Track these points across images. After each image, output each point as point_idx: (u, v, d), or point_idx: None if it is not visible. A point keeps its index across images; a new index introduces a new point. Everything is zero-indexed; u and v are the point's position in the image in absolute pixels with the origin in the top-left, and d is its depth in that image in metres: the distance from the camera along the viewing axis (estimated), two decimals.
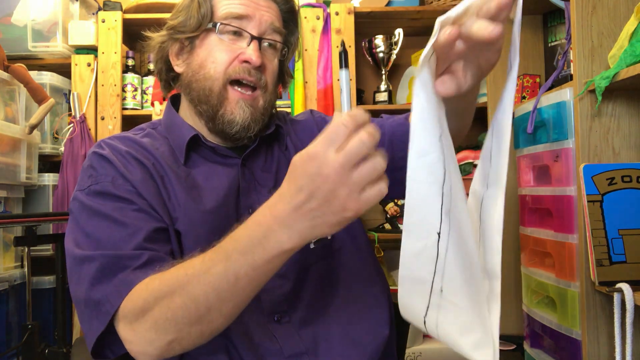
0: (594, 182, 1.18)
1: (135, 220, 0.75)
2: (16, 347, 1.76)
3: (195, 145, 0.88)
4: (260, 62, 0.85)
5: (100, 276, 0.70)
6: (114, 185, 0.78)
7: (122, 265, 0.70)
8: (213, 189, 0.85)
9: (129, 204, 0.77)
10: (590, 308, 1.21)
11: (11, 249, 1.95)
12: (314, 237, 0.56)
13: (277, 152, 0.94)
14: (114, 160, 0.81)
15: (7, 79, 1.84)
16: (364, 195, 0.54)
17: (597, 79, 1.16)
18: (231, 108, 0.85)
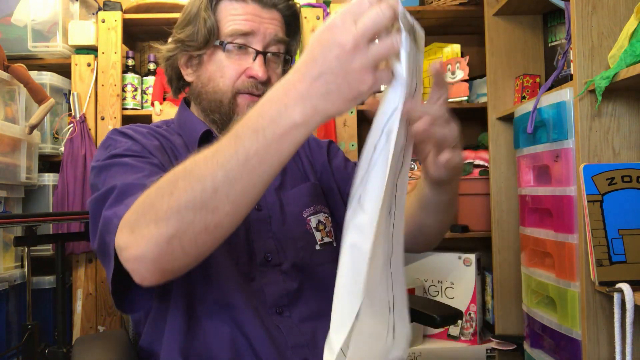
0: (594, 182, 1.18)
1: (151, 168, 0.77)
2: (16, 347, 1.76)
3: (207, 141, 0.92)
4: (266, 76, 0.90)
5: (115, 200, 0.71)
6: (132, 150, 0.82)
7: (135, 190, 0.69)
8: None
9: (143, 158, 0.80)
10: (590, 308, 1.21)
11: (11, 249, 1.95)
12: (328, 113, 0.54)
13: None
14: (132, 134, 0.86)
15: (7, 79, 1.84)
16: (378, 74, 0.53)
17: (597, 79, 1.16)
18: (242, 112, 0.90)
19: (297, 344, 0.84)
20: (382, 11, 0.52)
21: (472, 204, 2.04)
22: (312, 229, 0.94)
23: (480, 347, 1.96)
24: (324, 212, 0.97)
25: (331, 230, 0.96)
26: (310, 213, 0.95)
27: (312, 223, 0.94)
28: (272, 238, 0.90)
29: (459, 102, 2.12)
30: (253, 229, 0.90)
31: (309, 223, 0.94)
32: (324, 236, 0.95)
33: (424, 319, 1.13)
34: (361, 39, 0.51)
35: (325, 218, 0.96)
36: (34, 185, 2.01)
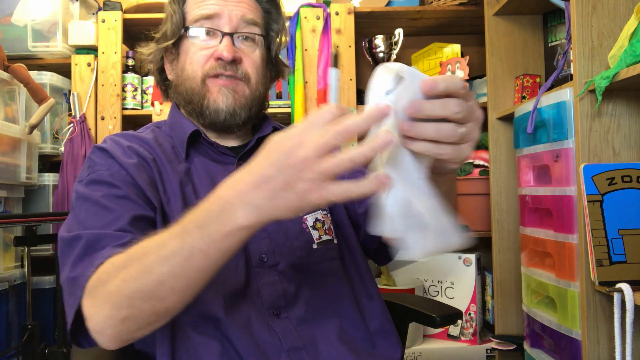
0: (594, 182, 1.18)
1: (121, 207, 0.77)
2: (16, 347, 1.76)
3: (196, 142, 0.92)
4: (232, 56, 0.88)
5: (82, 254, 0.71)
6: (109, 172, 0.81)
7: (103, 244, 0.71)
8: (208, 187, 0.85)
9: (118, 189, 0.79)
10: (590, 308, 1.21)
11: (11, 249, 1.95)
12: (272, 218, 0.54)
13: None
14: (113, 151, 0.85)
15: (7, 79, 1.84)
16: (331, 188, 0.51)
17: (597, 79, 1.16)
18: (214, 97, 0.89)
19: (293, 347, 0.81)
20: (344, 130, 0.51)
21: (472, 204, 2.04)
22: (308, 228, 0.91)
23: (480, 347, 1.96)
24: (322, 210, 0.94)
25: (331, 228, 0.94)
26: (306, 212, 0.92)
27: (309, 222, 0.92)
28: (267, 238, 0.88)
29: None
30: None
31: (305, 222, 0.92)
32: (322, 234, 0.92)
33: (424, 319, 1.12)
34: (317, 153, 0.51)
35: (323, 216, 0.94)
36: (34, 185, 2.01)
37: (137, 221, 0.76)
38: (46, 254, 2.00)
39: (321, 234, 0.92)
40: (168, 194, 0.84)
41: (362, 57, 2.28)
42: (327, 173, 0.51)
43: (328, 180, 0.51)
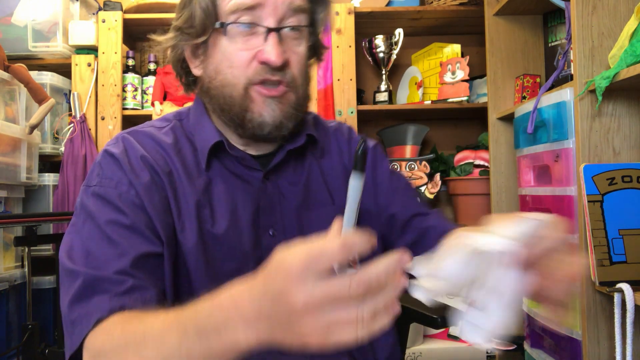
0: (594, 182, 1.18)
1: (126, 240, 0.69)
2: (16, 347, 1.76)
3: (219, 152, 0.80)
4: (282, 59, 0.74)
5: (80, 294, 0.66)
6: (116, 191, 0.73)
7: (102, 288, 0.66)
8: (229, 208, 0.77)
9: (124, 217, 0.71)
10: (591, 308, 1.21)
11: (11, 249, 1.95)
12: (273, 344, 0.48)
13: (309, 160, 0.86)
14: (124, 163, 0.75)
15: (7, 79, 1.84)
16: (333, 336, 0.44)
17: (598, 79, 1.16)
18: (259, 109, 0.76)
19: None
20: (349, 287, 0.44)
21: (472, 204, 2.04)
22: None
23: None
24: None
25: (355, 258, 0.82)
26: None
27: None
28: None
29: (459, 102, 2.12)
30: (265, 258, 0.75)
31: None
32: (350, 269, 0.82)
33: (425, 320, 1.11)
34: (314, 306, 0.44)
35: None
36: (34, 185, 2.01)
37: (142, 260, 0.69)
38: (46, 254, 2.00)
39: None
40: (183, 219, 0.75)
41: (362, 57, 2.28)
42: (327, 326, 0.44)
43: (330, 330, 0.44)
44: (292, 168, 0.83)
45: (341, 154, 0.88)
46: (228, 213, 0.77)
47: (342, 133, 0.92)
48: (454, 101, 2.12)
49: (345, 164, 0.87)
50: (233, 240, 0.76)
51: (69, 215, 1.72)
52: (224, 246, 0.75)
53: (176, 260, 0.74)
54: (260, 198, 0.79)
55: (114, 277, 0.66)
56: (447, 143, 2.37)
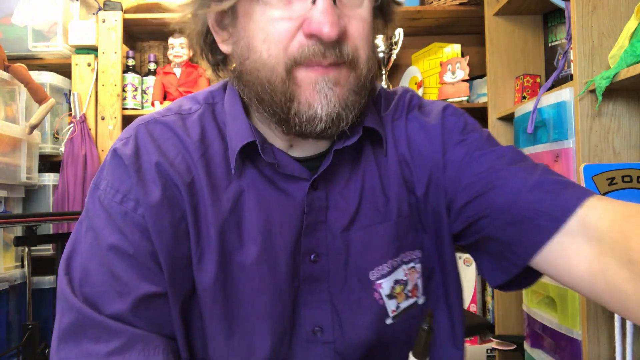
0: (595, 182, 1.18)
1: (127, 274, 0.58)
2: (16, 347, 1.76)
3: (255, 154, 0.61)
4: (338, 30, 0.53)
5: (70, 332, 0.57)
6: (121, 208, 0.59)
7: (94, 335, 0.56)
8: (263, 228, 0.61)
9: (128, 244, 0.58)
10: (591, 308, 1.21)
11: (11, 249, 1.95)
12: None
13: (367, 158, 0.65)
14: (132, 171, 0.60)
15: (7, 79, 1.84)
16: None
17: (598, 79, 1.16)
18: (307, 97, 0.56)
19: None
20: None
21: None
22: (382, 299, 0.63)
23: (480, 347, 1.96)
24: (408, 262, 0.65)
25: (417, 285, 0.65)
26: (381, 274, 0.63)
27: (384, 289, 0.63)
28: (327, 302, 0.62)
29: (459, 102, 2.12)
30: (303, 290, 0.62)
31: (379, 290, 0.63)
32: (401, 301, 0.64)
33: None
34: None
35: (408, 271, 0.64)
36: (34, 185, 2.01)
37: (144, 302, 0.58)
38: (46, 254, 2.00)
39: (400, 302, 0.64)
40: (202, 245, 0.60)
41: None
42: None
43: None
44: (346, 173, 0.64)
45: (399, 141, 0.66)
46: (261, 235, 0.61)
47: (403, 104, 0.68)
48: (454, 101, 2.12)
49: (403, 156, 0.65)
50: (265, 271, 0.60)
51: (69, 215, 1.73)
52: (252, 279, 0.60)
53: (188, 300, 0.60)
54: (305, 216, 0.61)
55: (112, 325, 0.56)
56: None
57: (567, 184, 0.58)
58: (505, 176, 0.60)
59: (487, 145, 0.64)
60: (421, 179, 0.65)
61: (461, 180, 0.62)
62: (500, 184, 0.60)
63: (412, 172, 0.65)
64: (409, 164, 0.65)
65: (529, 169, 0.61)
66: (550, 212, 0.56)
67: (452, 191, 0.63)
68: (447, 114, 0.67)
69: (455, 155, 0.64)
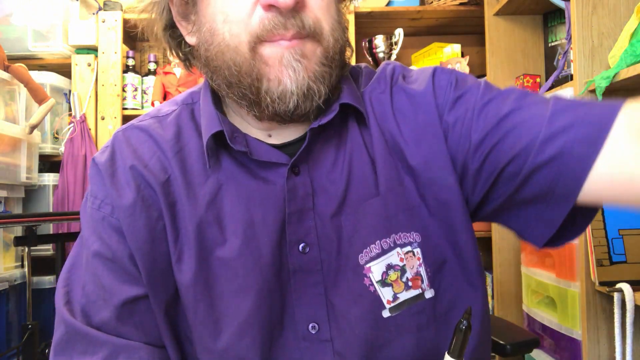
0: None
1: (109, 280, 0.58)
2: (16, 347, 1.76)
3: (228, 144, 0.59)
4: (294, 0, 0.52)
5: (62, 346, 0.57)
6: (100, 215, 0.59)
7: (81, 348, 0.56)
8: (244, 221, 0.58)
9: (107, 249, 0.59)
10: (591, 308, 1.21)
11: (11, 249, 1.95)
12: None
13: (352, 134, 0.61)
14: (106, 177, 0.60)
15: (7, 79, 1.84)
16: None
17: (598, 79, 1.16)
18: (276, 74, 0.54)
19: None
20: None
21: None
22: (373, 285, 0.57)
23: None
24: (403, 245, 0.58)
25: (419, 274, 0.58)
26: (370, 257, 0.58)
27: (374, 274, 0.58)
28: (322, 296, 0.58)
29: None
30: (294, 285, 0.58)
31: (369, 275, 0.58)
32: (400, 291, 0.58)
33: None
34: None
35: (404, 255, 0.58)
36: (34, 185, 2.01)
37: (128, 306, 0.58)
38: (46, 254, 2.00)
39: (398, 291, 0.58)
40: (180, 244, 0.59)
41: (362, 57, 2.28)
42: None
43: None
44: (331, 156, 0.60)
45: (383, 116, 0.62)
46: (242, 228, 0.58)
47: (383, 81, 0.64)
48: None
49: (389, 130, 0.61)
50: (249, 266, 0.57)
51: (69, 215, 1.73)
52: (235, 275, 0.58)
53: (172, 303, 0.59)
54: (287, 203, 0.58)
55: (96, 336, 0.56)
56: None
57: (589, 104, 0.54)
58: (520, 116, 0.55)
59: (488, 93, 0.59)
60: (417, 153, 0.59)
61: (471, 138, 0.57)
62: (518, 123, 0.54)
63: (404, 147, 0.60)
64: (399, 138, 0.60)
65: (541, 101, 0.56)
66: (584, 136, 0.51)
67: (462, 154, 0.58)
68: (437, 75, 0.63)
69: (456, 115, 0.59)
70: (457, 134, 0.58)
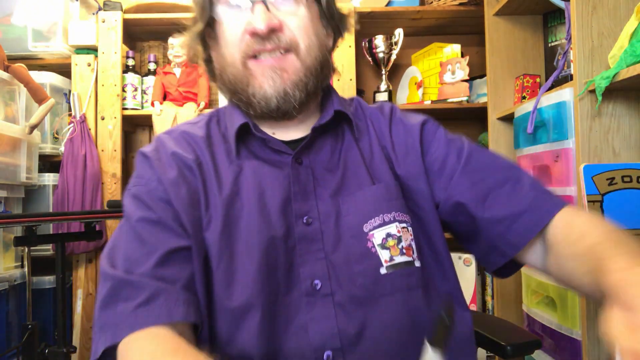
0: (594, 182, 1.18)
1: (154, 237, 0.69)
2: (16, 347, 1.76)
3: (247, 135, 0.79)
4: (268, 25, 0.72)
5: (107, 300, 0.66)
6: (146, 189, 0.74)
7: (125, 295, 0.65)
8: (257, 194, 0.74)
9: (153, 213, 0.71)
10: (591, 308, 1.21)
11: (11, 249, 1.95)
12: None
13: (348, 142, 0.81)
14: (154, 160, 0.76)
15: (7, 79, 1.84)
16: None
17: (597, 79, 1.16)
18: (259, 82, 0.74)
19: None
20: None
21: None
22: (375, 247, 0.72)
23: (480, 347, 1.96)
24: (400, 222, 0.74)
25: (411, 246, 0.74)
26: (373, 226, 0.73)
27: (376, 239, 0.72)
28: (323, 260, 0.71)
29: (459, 102, 2.12)
30: (300, 250, 0.72)
31: (371, 240, 0.72)
32: (396, 254, 0.72)
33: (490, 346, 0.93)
34: None
35: (400, 229, 0.73)
36: (34, 185, 2.01)
37: (170, 255, 0.68)
38: (46, 254, 2.00)
39: (394, 254, 0.72)
40: (210, 211, 0.73)
41: (362, 57, 2.28)
42: None
43: None
44: (329, 152, 0.79)
45: (381, 135, 0.82)
46: (256, 200, 0.74)
47: (384, 113, 0.86)
48: (454, 101, 2.12)
49: (385, 146, 0.81)
50: (260, 227, 0.72)
51: (69, 215, 1.73)
52: (249, 235, 0.71)
53: (204, 257, 0.72)
54: (291, 184, 0.75)
55: (140, 281, 0.66)
56: None
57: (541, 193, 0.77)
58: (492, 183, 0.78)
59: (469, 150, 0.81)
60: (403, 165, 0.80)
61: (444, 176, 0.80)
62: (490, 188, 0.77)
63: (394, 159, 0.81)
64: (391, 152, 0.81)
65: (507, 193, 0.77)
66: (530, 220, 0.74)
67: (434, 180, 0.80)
68: (428, 120, 0.86)
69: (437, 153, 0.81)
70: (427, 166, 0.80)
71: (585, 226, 0.68)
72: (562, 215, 0.72)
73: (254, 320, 0.67)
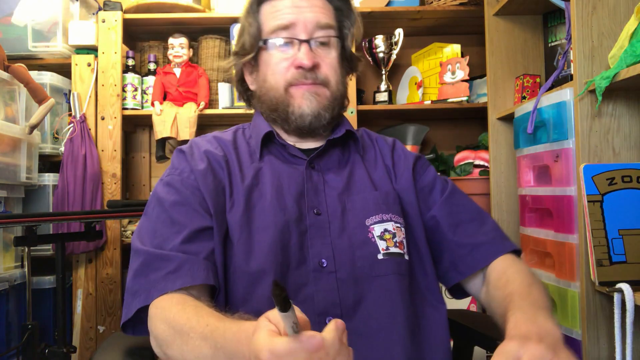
0: (594, 182, 1.18)
1: (184, 217, 0.84)
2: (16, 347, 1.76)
3: (270, 143, 0.96)
4: (312, 62, 0.91)
5: (140, 270, 0.81)
6: (180, 178, 0.89)
7: (157, 266, 0.79)
8: (275, 187, 0.90)
9: (184, 197, 0.86)
10: (590, 308, 1.21)
11: (11, 249, 1.95)
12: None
13: (354, 156, 0.99)
14: (189, 154, 0.93)
15: (7, 79, 1.84)
16: None
17: (597, 79, 1.16)
18: (298, 103, 0.92)
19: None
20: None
21: None
22: (374, 237, 0.89)
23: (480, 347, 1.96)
24: (395, 222, 0.91)
25: (403, 242, 0.91)
26: (374, 221, 0.90)
27: (376, 231, 0.89)
28: (329, 244, 0.87)
29: (459, 102, 2.12)
30: (310, 234, 0.88)
31: (372, 231, 0.89)
32: (391, 246, 0.89)
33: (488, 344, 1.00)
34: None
35: (395, 227, 0.91)
36: (34, 185, 2.01)
37: (196, 233, 0.83)
38: (46, 254, 2.00)
39: (389, 245, 0.89)
40: (233, 198, 0.88)
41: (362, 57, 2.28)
42: None
43: None
44: (337, 162, 0.97)
45: (382, 156, 1.02)
46: (274, 191, 0.89)
47: (387, 142, 1.06)
48: (454, 101, 2.12)
49: (386, 164, 1.00)
50: (276, 211, 0.87)
51: (69, 215, 1.73)
52: (266, 216, 0.86)
53: (225, 234, 0.86)
54: (305, 181, 0.92)
55: (169, 254, 0.80)
56: (447, 143, 2.37)
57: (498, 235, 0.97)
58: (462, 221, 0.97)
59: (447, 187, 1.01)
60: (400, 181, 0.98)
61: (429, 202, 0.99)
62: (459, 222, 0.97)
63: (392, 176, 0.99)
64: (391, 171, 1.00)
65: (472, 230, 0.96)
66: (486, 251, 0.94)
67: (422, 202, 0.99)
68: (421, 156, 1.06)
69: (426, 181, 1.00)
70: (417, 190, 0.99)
71: (512, 276, 0.85)
72: (503, 259, 0.91)
73: (267, 282, 0.81)
